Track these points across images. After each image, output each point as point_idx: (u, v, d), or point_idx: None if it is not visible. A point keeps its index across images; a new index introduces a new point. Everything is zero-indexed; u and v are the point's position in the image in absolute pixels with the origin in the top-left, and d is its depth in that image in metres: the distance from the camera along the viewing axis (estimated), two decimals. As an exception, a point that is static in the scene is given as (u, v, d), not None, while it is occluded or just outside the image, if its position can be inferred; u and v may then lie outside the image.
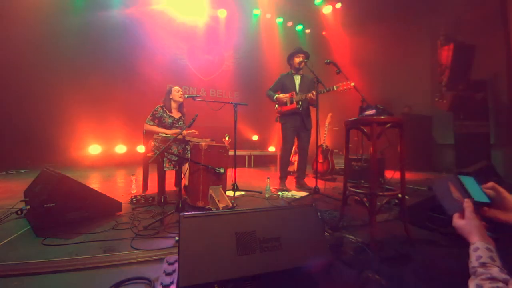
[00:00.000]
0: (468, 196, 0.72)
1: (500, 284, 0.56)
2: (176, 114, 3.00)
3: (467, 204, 0.71)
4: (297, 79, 3.37)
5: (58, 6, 5.22)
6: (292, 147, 3.47)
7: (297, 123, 3.30)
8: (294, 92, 3.25)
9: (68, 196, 1.86)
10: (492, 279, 0.58)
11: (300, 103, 3.21)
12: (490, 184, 0.73)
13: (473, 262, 0.64)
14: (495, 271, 0.59)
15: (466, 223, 0.70)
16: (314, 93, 2.99)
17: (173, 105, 2.98)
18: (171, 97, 2.95)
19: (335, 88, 2.82)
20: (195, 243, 0.98)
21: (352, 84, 2.63)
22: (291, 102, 3.21)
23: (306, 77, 3.40)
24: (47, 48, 5.11)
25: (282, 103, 3.26)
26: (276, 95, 3.28)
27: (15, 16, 4.84)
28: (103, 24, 5.67)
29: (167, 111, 2.92)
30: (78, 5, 5.47)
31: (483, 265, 0.62)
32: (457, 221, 0.73)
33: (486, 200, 0.71)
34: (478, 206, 0.71)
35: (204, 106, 3.07)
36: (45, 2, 5.09)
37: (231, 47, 7.60)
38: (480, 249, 0.65)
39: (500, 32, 4.49)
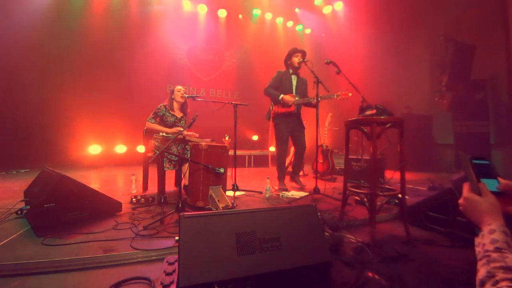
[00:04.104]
0: (478, 181, 0.70)
1: None
2: (178, 114, 3.01)
3: (484, 186, 0.68)
4: (294, 80, 3.37)
5: (57, 6, 5.22)
6: (288, 147, 3.46)
7: (292, 123, 3.30)
8: (292, 95, 3.25)
9: (68, 196, 1.86)
10: (507, 268, 0.54)
11: (296, 105, 3.23)
12: (503, 184, 0.70)
13: (487, 245, 0.59)
14: (511, 259, 0.55)
15: (485, 200, 0.65)
16: (315, 100, 3.01)
17: (175, 105, 2.99)
18: (173, 97, 2.97)
19: (335, 97, 2.93)
20: (195, 243, 0.98)
21: (350, 94, 2.82)
22: (290, 105, 3.21)
23: (301, 78, 3.42)
24: (46, 49, 5.11)
25: (286, 105, 3.23)
26: (282, 96, 3.21)
27: (15, 17, 4.84)
28: (103, 24, 5.66)
29: (169, 110, 2.93)
30: (78, 6, 5.46)
31: (498, 250, 0.58)
32: (473, 196, 0.67)
33: (495, 189, 0.69)
34: None
35: (204, 106, 3.07)
36: (45, 2, 5.10)
37: (231, 47, 7.60)
38: (496, 231, 0.61)
39: (500, 32, 4.49)
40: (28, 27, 4.91)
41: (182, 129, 2.32)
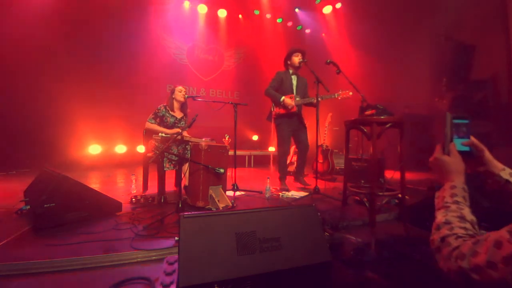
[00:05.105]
0: (451, 140, 0.77)
1: (468, 225, 0.63)
2: (178, 114, 3.01)
3: (453, 147, 0.76)
4: (294, 80, 3.37)
5: (57, 6, 5.21)
6: (289, 147, 3.47)
7: (294, 123, 3.30)
8: (293, 95, 3.25)
9: (68, 196, 1.86)
10: (462, 218, 0.64)
11: (297, 106, 3.23)
12: (470, 141, 0.78)
13: (447, 197, 0.70)
14: (466, 212, 0.66)
15: (451, 160, 0.75)
16: (315, 101, 3.01)
17: (176, 105, 2.99)
18: (174, 96, 2.97)
19: (335, 96, 2.92)
20: (195, 243, 0.98)
21: (350, 93, 2.80)
22: (290, 108, 3.22)
23: (301, 78, 3.42)
24: (46, 49, 5.10)
25: (287, 107, 3.22)
26: (283, 98, 3.20)
27: (15, 17, 4.84)
28: (102, 24, 5.66)
29: (169, 111, 2.93)
30: (77, 6, 5.45)
31: (457, 203, 0.68)
32: (443, 156, 0.76)
33: (466, 149, 0.77)
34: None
35: (204, 106, 3.08)
36: (45, 2, 5.09)
37: (231, 47, 7.60)
38: (457, 187, 0.71)
39: (500, 32, 4.49)
40: (27, 28, 4.91)
41: (180, 130, 2.32)
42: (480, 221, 0.65)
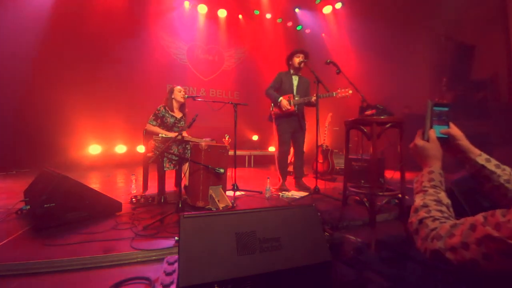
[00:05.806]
0: (431, 126, 0.80)
1: (444, 208, 0.67)
2: (177, 114, 3.01)
3: (432, 133, 0.80)
4: (295, 80, 3.37)
5: (58, 6, 5.21)
6: (289, 147, 3.46)
7: (293, 124, 3.30)
8: (292, 95, 3.25)
9: (68, 196, 1.86)
10: (438, 201, 0.68)
11: (296, 105, 3.22)
12: (448, 129, 0.81)
13: (425, 182, 0.75)
14: (443, 195, 0.70)
15: (431, 146, 0.79)
16: (314, 99, 3.01)
17: (175, 105, 2.98)
18: (173, 96, 2.96)
19: (334, 95, 2.89)
20: (195, 243, 0.98)
21: (350, 91, 2.75)
22: (289, 105, 3.21)
23: (303, 79, 3.42)
24: (46, 49, 5.10)
25: (284, 107, 3.22)
26: (281, 98, 3.21)
27: (14, 18, 4.84)
28: (102, 23, 5.66)
29: (169, 111, 2.93)
30: (77, 7, 5.45)
31: (434, 187, 0.72)
32: (422, 142, 0.80)
33: (445, 136, 0.80)
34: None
35: (204, 106, 3.07)
36: (45, 2, 5.09)
37: (231, 47, 7.60)
38: (434, 172, 0.75)
39: (500, 32, 4.49)
40: (27, 28, 4.91)
41: (181, 134, 2.32)
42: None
